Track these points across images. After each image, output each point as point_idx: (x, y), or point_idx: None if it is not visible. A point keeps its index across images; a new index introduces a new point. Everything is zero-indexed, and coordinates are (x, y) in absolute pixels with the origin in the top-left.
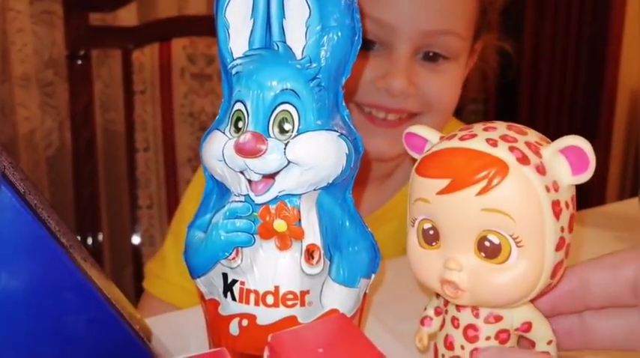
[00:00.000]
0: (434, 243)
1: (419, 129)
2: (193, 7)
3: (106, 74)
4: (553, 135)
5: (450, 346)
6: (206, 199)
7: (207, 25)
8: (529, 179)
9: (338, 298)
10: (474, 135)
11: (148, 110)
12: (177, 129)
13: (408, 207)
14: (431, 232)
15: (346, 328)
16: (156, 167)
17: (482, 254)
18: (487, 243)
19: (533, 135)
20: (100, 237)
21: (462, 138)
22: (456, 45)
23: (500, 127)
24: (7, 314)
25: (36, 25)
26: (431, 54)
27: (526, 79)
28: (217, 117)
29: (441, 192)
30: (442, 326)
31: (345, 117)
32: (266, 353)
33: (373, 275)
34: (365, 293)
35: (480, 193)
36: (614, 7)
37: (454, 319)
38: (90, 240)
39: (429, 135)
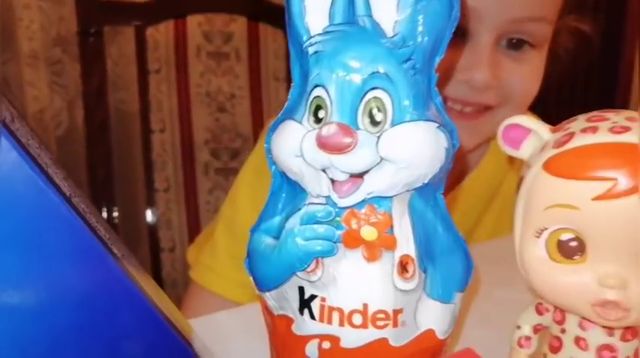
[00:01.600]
0: (576, 256)
1: (522, 120)
2: None
3: (116, 52)
4: None
5: None
6: (273, 198)
7: (223, 1)
8: None
9: (433, 316)
10: (625, 128)
11: (163, 90)
12: (193, 110)
13: (522, 215)
14: (573, 243)
15: None
16: (172, 149)
17: None
18: None
19: None
20: (115, 214)
21: (613, 131)
22: (543, 31)
23: (633, 114)
24: (54, 340)
25: (42, 1)
26: (514, 41)
27: (627, 62)
28: (287, 104)
29: (601, 198)
30: (557, 347)
31: (439, 106)
32: None
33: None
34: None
35: None
36: None
37: (579, 339)
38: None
39: (536, 126)
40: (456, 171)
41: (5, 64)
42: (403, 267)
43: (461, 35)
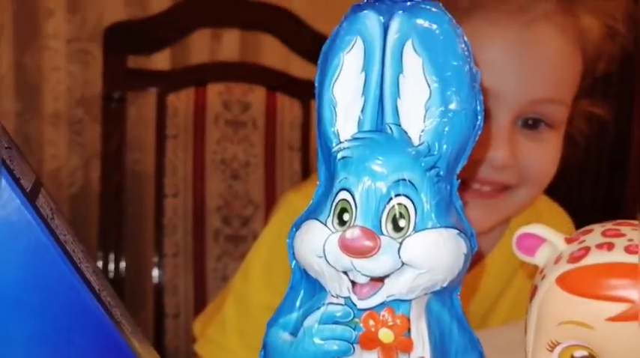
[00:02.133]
0: None
1: (537, 229)
2: (226, 53)
3: (136, 115)
4: None
5: None
6: (292, 293)
7: (242, 71)
8: None
9: None
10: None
11: (179, 155)
12: (207, 176)
13: (534, 329)
14: None
15: None
16: (184, 214)
17: None
18: None
19: None
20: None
21: (628, 250)
22: (560, 113)
23: None
24: None
25: (71, 64)
26: (531, 121)
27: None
28: (311, 204)
29: (616, 319)
30: None
31: (459, 210)
32: None
33: None
34: None
35: None
36: None
37: None
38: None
39: (550, 236)
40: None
41: (27, 123)
42: None
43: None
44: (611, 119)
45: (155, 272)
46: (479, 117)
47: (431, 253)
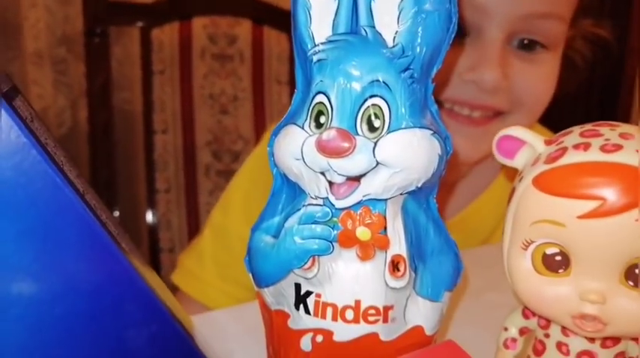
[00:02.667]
0: (560, 270)
1: (517, 132)
2: None
3: (120, 52)
4: None
5: None
6: (274, 199)
7: (227, 4)
8: None
9: (422, 314)
10: (618, 146)
11: (166, 91)
12: (196, 111)
13: (511, 228)
14: (557, 258)
15: None
16: (174, 149)
17: (631, 283)
18: (638, 271)
19: None
20: (116, 214)
21: (604, 149)
22: (556, 30)
23: (630, 129)
24: (65, 328)
25: (49, 0)
26: (526, 41)
27: (630, 73)
28: (290, 109)
29: (586, 216)
30: (540, 350)
31: (435, 114)
32: None
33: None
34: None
35: None
36: None
37: (561, 345)
38: None
39: (530, 138)
40: (448, 180)
41: (10, 62)
42: (395, 265)
43: (470, 32)
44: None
45: (148, 209)
46: (453, 19)
47: (405, 152)
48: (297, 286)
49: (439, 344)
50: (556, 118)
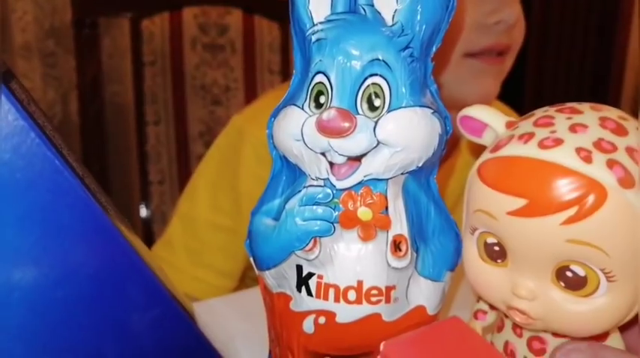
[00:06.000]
0: (499, 260)
1: (476, 111)
2: None
3: (110, 44)
4: None
5: (511, 354)
6: (274, 182)
7: None
8: (632, 205)
9: (424, 293)
10: (558, 141)
11: (158, 82)
12: (188, 102)
13: (465, 210)
14: (496, 248)
15: (465, 334)
16: (167, 141)
17: (562, 284)
18: (569, 274)
19: (633, 134)
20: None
21: (542, 145)
22: None
23: (590, 119)
24: (67, 312)
25: None
26: None
27: (533, 46)
28: (288, 91)
29: (513, 214)
30: (500, 327)
31: (434, 93)
32: None
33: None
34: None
35: (566, 222)
36: None
37: (517, 327)
38: None
39: (492, 120)
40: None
41: None
42: (396, 245)
43: None
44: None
45: (142, 202)
46: None
47: (405, 131)
48: (299, 268)
49: (444, 320)
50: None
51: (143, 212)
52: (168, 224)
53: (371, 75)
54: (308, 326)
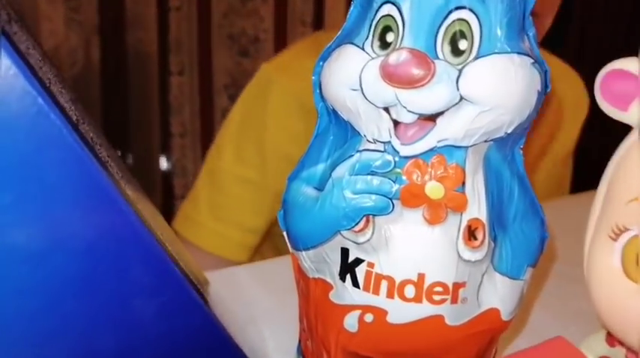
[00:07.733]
0: None
1: (632, 66)
2: None
3: None
4: None
5: None
6: (317, 142)
7: None
8: None
9: (500, 294)
10: None
11: (183, 29)
12: (214, 52)
13: (600, 206)
14: None
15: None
16: (190, 92)
17: None
18: None
19: None
20: (129, 160)
21: None
22: None
23: None
24: (57, 290)
25: None
26: None
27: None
28: (344, 27)
29: None
30: None
31: (532, 39)
32: None
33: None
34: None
35: None
36: None
37: None
38: None
39: None
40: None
41: None
42: (471, 233)
43: None
44: None
45: (162, 155)
46: None
47: (499, 85)
48: (345, 252)
49: (548, 341)
50: None
51: (163, 165)
52: (191, 179)
53: (457, 8)
54: (351, 323)
